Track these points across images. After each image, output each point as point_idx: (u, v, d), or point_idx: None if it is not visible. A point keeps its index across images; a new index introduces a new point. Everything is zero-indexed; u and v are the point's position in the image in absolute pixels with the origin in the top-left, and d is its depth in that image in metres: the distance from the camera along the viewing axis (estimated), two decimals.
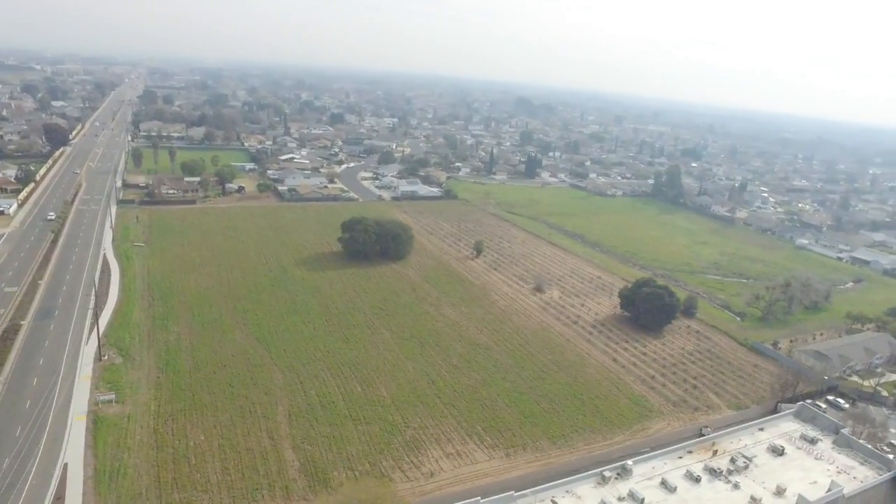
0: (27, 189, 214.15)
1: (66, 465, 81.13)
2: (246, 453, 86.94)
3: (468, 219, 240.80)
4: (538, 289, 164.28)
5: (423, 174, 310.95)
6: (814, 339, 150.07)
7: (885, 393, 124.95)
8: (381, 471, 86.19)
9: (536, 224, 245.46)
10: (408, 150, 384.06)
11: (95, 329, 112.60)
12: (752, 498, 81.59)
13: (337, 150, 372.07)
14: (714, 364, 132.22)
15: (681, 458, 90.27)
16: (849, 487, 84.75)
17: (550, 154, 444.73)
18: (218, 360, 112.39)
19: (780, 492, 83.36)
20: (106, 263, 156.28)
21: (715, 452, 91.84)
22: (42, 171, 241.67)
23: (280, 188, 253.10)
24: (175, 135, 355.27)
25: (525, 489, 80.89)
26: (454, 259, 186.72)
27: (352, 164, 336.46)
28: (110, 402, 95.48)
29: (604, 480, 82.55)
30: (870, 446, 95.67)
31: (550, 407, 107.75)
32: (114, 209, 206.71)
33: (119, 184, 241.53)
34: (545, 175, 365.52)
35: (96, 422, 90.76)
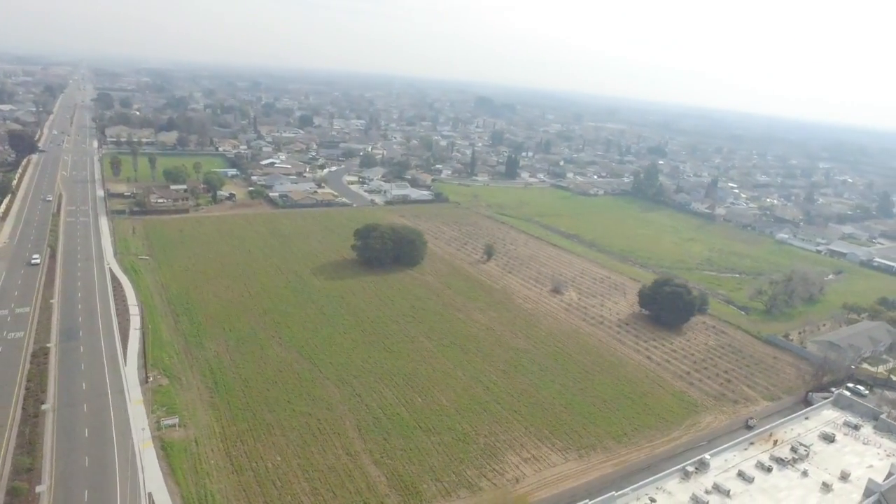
0: (6, 200, 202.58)
1: (150, 494, 78.25)
2: (329, 472, 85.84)
3: (465, 222, 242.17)
4: (556, 291, 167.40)
5: (408, 177, 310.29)
6: (818, 329, 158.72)
7: (891, 377, 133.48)
8: (468, 480, 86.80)
9: (531, 225, 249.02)
10: (385, 153, 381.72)
11: (142, 349, 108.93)
12: (824, 484, 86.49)
13: (314, 153, 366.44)
14: (738, 358, 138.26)
15: (745, 449, 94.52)
16: None
17: (524, 154, 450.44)
18: (266, 377, 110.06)
19: (844, 476, 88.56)
20: (115, 279, 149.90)
21: (775, 442, 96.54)
22: (14, 181, 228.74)
23: (271, 194, 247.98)
24: (145, 140, 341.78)
25: (606, 489, 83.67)
26: (466, 263, 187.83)
27: (333, 168, 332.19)
28: (174, 426, 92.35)
29: (686, 475, 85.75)
30: None
31: (605, 407, 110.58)
32: (104, 220, 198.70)
33: (102, 193, 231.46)
34: (525, 175, 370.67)
35: (165, 447, 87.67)
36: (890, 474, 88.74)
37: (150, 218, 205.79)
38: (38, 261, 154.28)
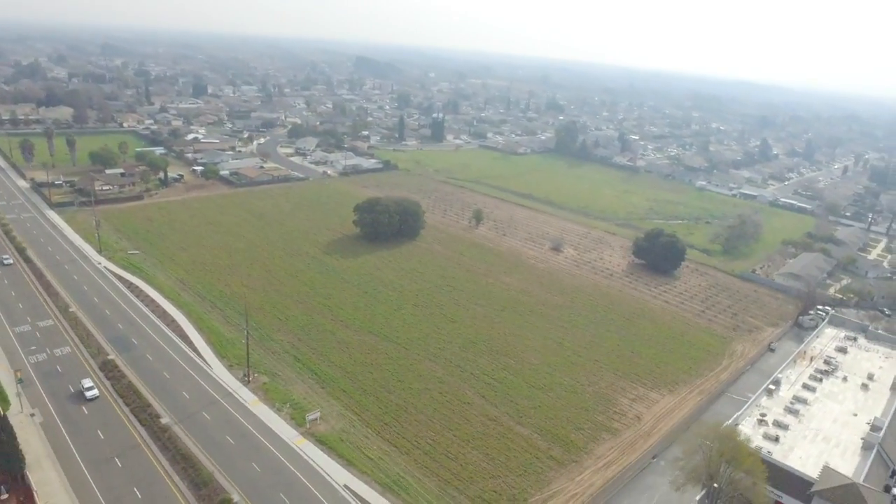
0: None
1: (346, 486, 79.85)
2: (485, 438, 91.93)
3: (427, 189, 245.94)
4: (556, 249, 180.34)
5: (347, 146, 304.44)
6: (772, 264, 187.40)
7: (844, 297, 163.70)
8: (602, 424, 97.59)
9: (485, 188, 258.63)
10: (304, 122, 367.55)
11: (246, 351, 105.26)
12: (863, 385, 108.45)
13: (230, 125, 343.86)
14: (729, 294, 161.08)
15: (793, 367, 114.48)
16: None
17: (434, 115, 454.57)
18: (358, 361, 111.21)
19: (871, 377, 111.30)
20: (122, 280, 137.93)
21: (811, 359, 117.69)
22: None
23: (222, 173, 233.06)
24: (32, 118, 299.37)
25: (709, 414, 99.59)
26: (460, 230, 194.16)
27: (261, 140, 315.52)
28: (316, 420, 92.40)
29: (770, 393, 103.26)
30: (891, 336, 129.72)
31: (661, 348, 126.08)
32: (53, 214, 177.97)
33: (26, 184, 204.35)
34: (450, 138, 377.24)
35: (321, 441, 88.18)
36: None
37: (104, 208, 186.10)
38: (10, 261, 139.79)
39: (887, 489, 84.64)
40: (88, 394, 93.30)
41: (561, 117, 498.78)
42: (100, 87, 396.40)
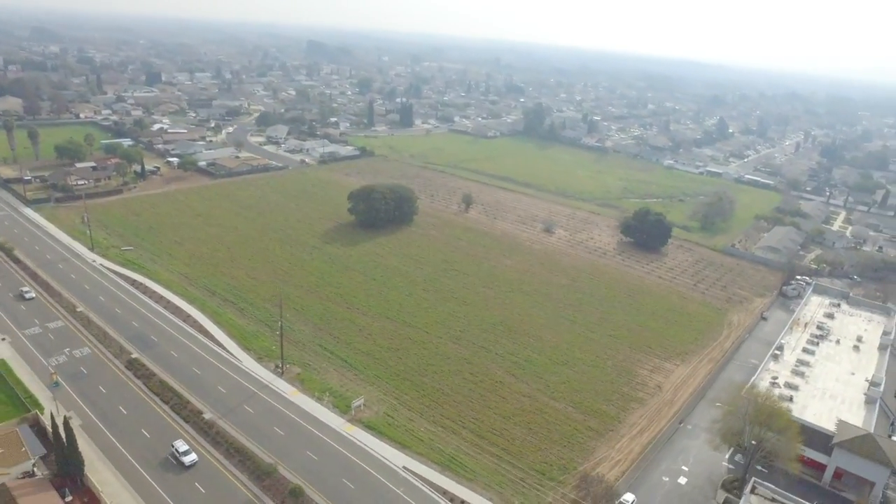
0: None
1: (405, 467, 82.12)
2: (525, 413, 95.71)
3: (409, 174, 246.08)
4: (548, 230, 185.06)
5: (320, 134, 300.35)
6: (748, 238, 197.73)
7: (818, 267, 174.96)
8: (629, 395, 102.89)
9: (464, 172, 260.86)
10: (272, 110, 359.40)
11: (280, 343, 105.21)
12: (854, 346, 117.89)
13: (193, 114, 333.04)
14: (715, 268, 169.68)
15: (791, 333, 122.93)
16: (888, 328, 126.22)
17: (400, 100, 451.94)
18: (384, 346, 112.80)
19: (860, 339, 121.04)
20: (124, 277, 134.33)
21: (805, 325, 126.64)
22: None
23: (199, 164, 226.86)
24: None
25: (723, 381, 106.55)
26: (451, 214, 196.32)
27: (230, 129, 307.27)
28: (361, 406, 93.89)
29: (776, 357, 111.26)
30: (869, 301, 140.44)
31: (665, 322, 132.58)
32: (30, 211, 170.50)
33: None
34: (418, 122, 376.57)
35: (370, 427, 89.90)
36: (886, 333, 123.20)
37: (83, 203, 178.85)
38: (32, 295, 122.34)
39: (889, 437, 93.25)
40: (187, 459, 78.94)
41: (522, 99, 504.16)
42: (47, 77, 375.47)
